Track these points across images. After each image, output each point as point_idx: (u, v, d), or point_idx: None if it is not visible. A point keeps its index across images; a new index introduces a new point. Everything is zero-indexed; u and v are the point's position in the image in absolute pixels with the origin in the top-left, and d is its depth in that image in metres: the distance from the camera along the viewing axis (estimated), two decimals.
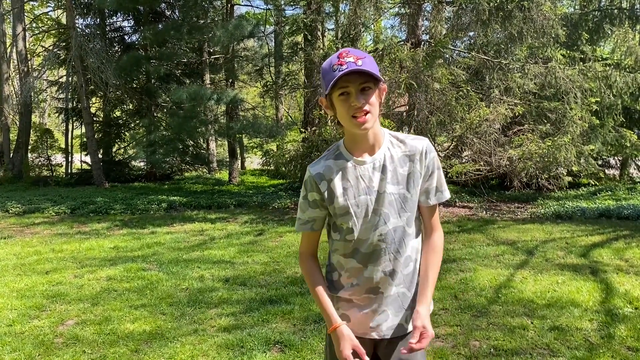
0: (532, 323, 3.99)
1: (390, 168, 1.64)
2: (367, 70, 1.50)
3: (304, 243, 1.80)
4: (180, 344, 3.71)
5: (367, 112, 1.54)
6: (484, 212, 9.84)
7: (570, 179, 11.63)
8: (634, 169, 15.95)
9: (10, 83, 18.85)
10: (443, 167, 7.26)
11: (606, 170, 15.20)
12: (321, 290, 1.70)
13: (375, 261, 1.65)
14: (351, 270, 1.69)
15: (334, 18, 14.13)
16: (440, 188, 1.71)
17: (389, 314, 1.68)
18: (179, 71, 17.99)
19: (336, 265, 1.74)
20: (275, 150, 12.16)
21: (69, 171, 18.29)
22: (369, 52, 13.02)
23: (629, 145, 12.61)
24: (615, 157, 15.32)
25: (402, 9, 12.33)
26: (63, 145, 18.69)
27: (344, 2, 12.60)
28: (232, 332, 3.90)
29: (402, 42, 11.25)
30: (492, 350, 3.53)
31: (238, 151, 19.04)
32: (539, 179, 10.59)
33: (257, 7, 21.84)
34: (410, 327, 1.70)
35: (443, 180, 1.71)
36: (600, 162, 14.27)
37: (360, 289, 1.68)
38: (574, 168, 10.32)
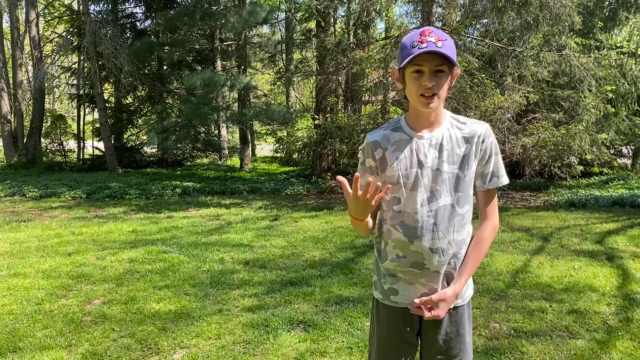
0: (550, 306, 4.06)
1: (447, 147, 1.68)
2: (446, 54, 1.54)
3: None
4: (206, 323, 3.81)
5: (435, 94, 1.59)
6: (497, 200, 9.87)
7: (581, 167, 11.62)
8: None
9: (23, 69, 18.97)
10: None
11: (618, 160, 15.14)
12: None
13: (422, 237, 1.67)
14: (397, 241, 1.72)
15: (347, 5, 14.06)
16: (496, 173, 1.74)
17: (437, 290, 1.71)
18: (191, 58, 18.01)
19: (384, 234, 1.78)
20: (286, 137, 12.22)
21: (82, 157, 18.44)
22: (381, 39, 13.00)
23: None
24: (628, 146, 15.25)
25: None
26: (75, 131, 18.83)
27: None
28: (256, 312, 3.99)
29: (416, 29, 11.21)
30: (512, 332, 3.60)
31: (249, 138, 19.09)
32: (552, 168, 10.59)
33: None
34: (454, 303, 1.75)
35: (501, 165, 1.74)
36: (612, 151, 14.22)
37: (405, 261, 1.71)
38: (588, 156, 10.31)
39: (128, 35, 18.03)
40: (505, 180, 1.75)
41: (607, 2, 12.55)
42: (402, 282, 1.74)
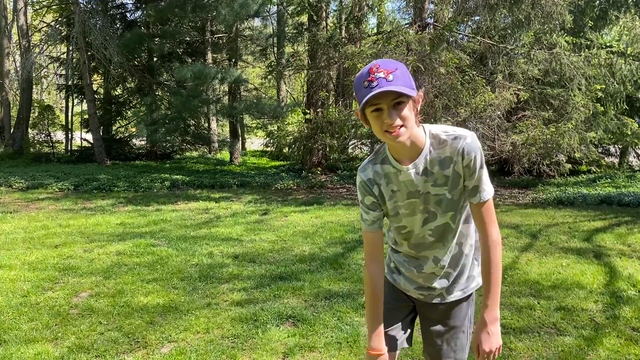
0: (538, 303, 4.08)
1: (433, 170, 1.66)
2: (397, 90, 1.48)
3: (369, 246, 1.81)
4: (194, 316, 3.78)
5: (400, 126, 1.53)
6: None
7: (570, 166, 11.71)
8: (634, 157, 16.05)
9: (10, 58, 18.72)
10: None
11: (606, 158, 15.29)
12: (378, 304, 1.78)
13: (425, 250, 1.80)
14: (405, 250, 1.87)
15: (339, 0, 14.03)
16: (478, 188, 1.66)
17: (435, 286, 1.83)
18: (181, 50, 17.90)
19: (392, 237, 1.90)
20: (277, 131, 12.17)
21: (69, 148, 18.26)
22: (373, 35, 12.98)
23: (629, 133, 12.66)
24: (615, 145, 15.40)
25: None
26: (63, 122, 18.65)
27: None
28: (245, 306, 3.97)
29: (408, 25, 11.22)
30: (500, 328, 3.60)
31: (239, 131, 19.02)
32: (540, 165, 10.66)
33: None
34: (451, 297, 1.84)
35: (485, 178, 1.67)
36: (600, 150, 14.35)
37: (409, 263, 1.86)
38: (576, 155, 10.38)
39: (118, 26, 17.85)
40: (486, 195, 1.67)
41: (597, 2, 12.62)
42: (403, 276, 1.91)
